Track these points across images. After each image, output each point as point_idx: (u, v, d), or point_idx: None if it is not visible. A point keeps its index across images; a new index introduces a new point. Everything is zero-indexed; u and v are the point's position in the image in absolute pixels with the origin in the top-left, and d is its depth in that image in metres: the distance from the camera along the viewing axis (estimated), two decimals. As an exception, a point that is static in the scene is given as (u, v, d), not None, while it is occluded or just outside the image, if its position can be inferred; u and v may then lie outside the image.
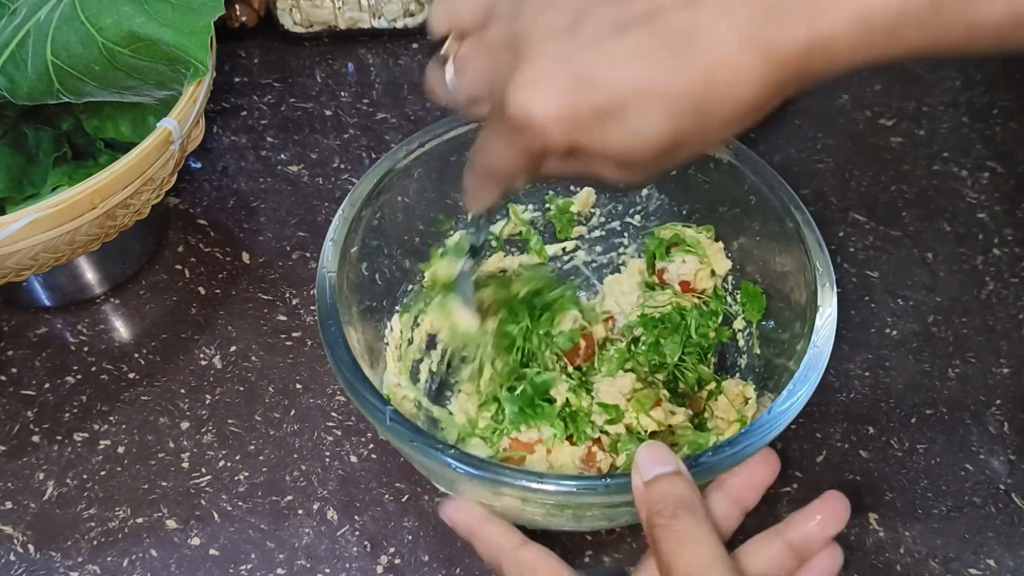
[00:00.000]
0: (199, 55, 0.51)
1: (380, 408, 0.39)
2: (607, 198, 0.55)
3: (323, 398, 0.55)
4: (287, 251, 0.62)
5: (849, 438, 0.52)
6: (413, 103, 0.72)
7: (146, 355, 0.57)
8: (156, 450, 0.53)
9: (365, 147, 0.69)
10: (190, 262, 0.62)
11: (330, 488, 0.51)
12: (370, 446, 0.52)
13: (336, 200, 0.65)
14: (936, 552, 0.48)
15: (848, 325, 0.57)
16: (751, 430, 0.39)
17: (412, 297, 0.53)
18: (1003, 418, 0.53)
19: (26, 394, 0.55)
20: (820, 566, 0.40)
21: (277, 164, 0.68)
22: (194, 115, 0.53)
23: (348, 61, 0.75)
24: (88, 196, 0.48)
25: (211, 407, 0.54)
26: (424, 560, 0.48)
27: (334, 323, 0.42)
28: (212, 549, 0.49)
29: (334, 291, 0.44)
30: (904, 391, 0.54)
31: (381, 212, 0.49)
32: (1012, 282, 0.59)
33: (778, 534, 0.40)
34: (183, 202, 0.65)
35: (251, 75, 0.74)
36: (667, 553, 0.36)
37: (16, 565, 0.48)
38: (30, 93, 0.53)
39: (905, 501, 0.50)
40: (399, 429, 0.39)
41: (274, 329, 0.58)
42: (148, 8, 0.51)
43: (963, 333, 0.57)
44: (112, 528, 0.49)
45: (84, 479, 0.51)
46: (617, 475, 0.37)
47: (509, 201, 0.55)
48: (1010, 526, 0.49)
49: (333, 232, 0.46)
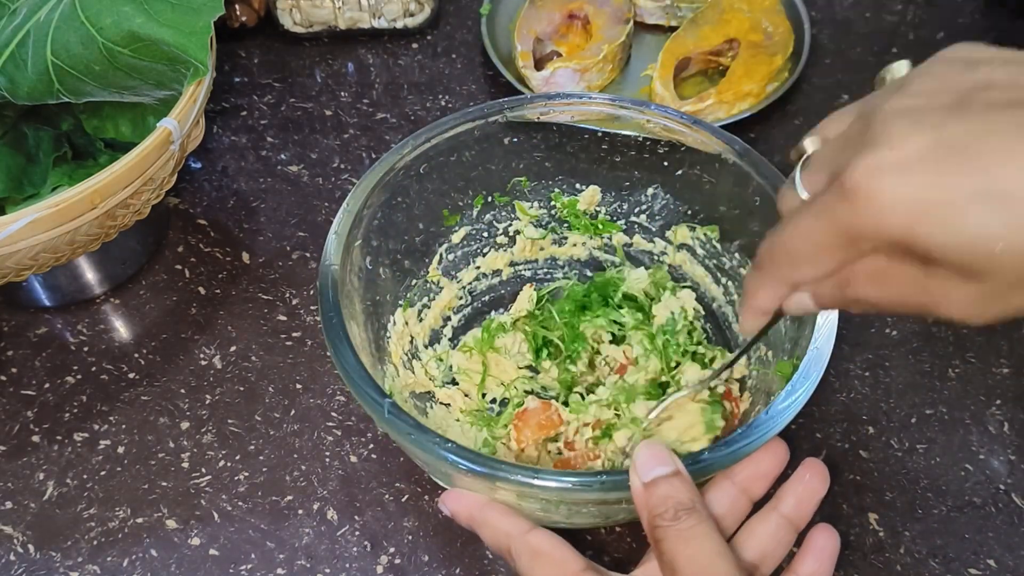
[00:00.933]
0: (199, 55, 0.51)
1: (379, 400, 0.40)
2: (612, 196, 0.55)
3: (323, 398, 0.55)
4: (287, 251, 0.62)
5: (849, 438, 0.52)
6: (413, 103, 0.72)
7: (146, 355, 0.57)
8: (156, 450, 0.53)
9: (365, 147, 0.69)
10: (190, 262, 0.62)
11: (330, 488, 0.51)
12: (370, 446, 0.52)
13: (336, 200, 0.65)
14: (936, 552, 0.48)
15: (848, 325, 0.57)
16: (751, 429, 0.39)
17: (415, 292, 0.53)
18: (1003, 418, 0.53)
19: (26, 394, 0.55)
20: (818, 546, 0.41)
21: (277, 164, 0.68)
22: (194, 115, 0.53)
23: (348, 61, 0.75)
24: (88, 196, 0.48)
25: (211, 407, 0.54)
26: (424, 560, 0.48)
27: (335, 316, 0.43)
28: (212, 549, 0.49)
29: (336, 284, 0.44)
30: (904, 391, 0.54)
31: (385, 207, 0.49)
32: (1012, 282, 0.59)
33: (771, 510, 0.41)
34: (183, 202, 0.65)
35: (251, 75, 0.74)
36: (670, 552, 0.36)
37: (16, 565, 0.48)
38: (30, 93, 0.53)
39: (905, 501, 0.50)
40: (397, 422, 0.39)
41: (274, 329, 0.58)
42: (148, 8, 0.51)
43: (963, 333, 0.57)
44: (112, 528, 0.49)
45: (84, 479, 0.51)
46: (613, 473, 0.38)
47: (514, 199, 0.55)
48: (1010, 526, 0.49)
49: (337, 225, 0.46)
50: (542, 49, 0.73)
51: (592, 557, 0.48)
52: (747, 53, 0.69)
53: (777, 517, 0.41)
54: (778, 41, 0.70)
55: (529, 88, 0.69)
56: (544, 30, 0.72)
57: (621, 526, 0.49)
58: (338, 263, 0.45)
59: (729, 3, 0.72)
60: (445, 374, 0.54)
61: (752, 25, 0.70)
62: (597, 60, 0.69)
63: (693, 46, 0.70)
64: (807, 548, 0.41)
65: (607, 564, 0.47)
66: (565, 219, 0.56)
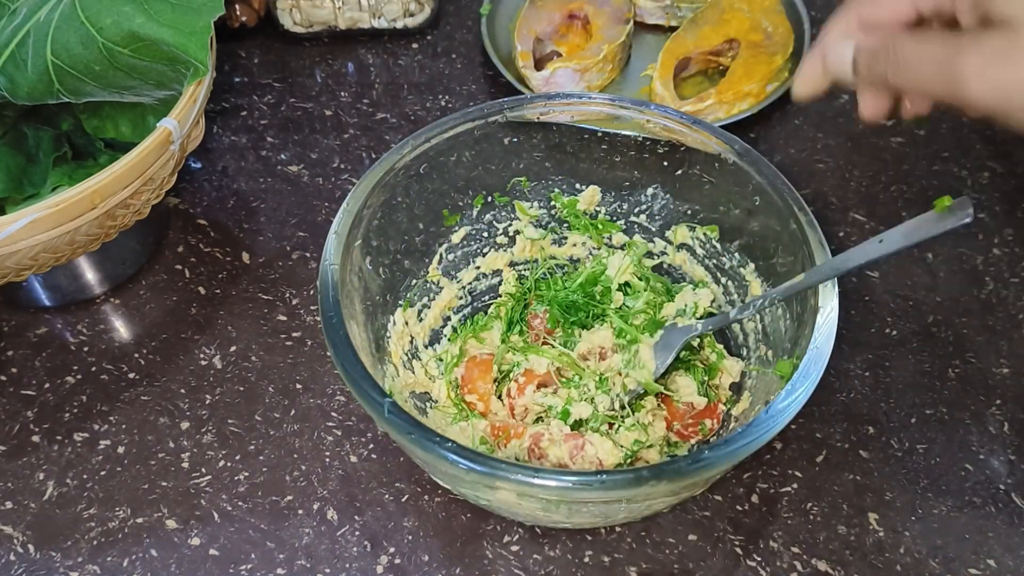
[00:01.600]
0: (199, 55, 0.51)
1: (379, 400, 0.40)
2: (612, 196, 0.55)
3: (323, 398, 0.55)
4: (287, 251, 0.62)
5: (849, 438, 0.52)
6: (413, 103, 0.72)
7: (146, 355, 0.57)
8: (156, 450, 0.53)
9: (365, 147, 0.69)
10: (190, 262, 0.62)
11: (330, 488, 0.51)
12: (370, 446, 0.52)
13: (336, 200, 0.65)
14: (936, 552, 0.48)
15: (848, 325, 0.57)
16: (751, 427, 0.39)
17: (415, 291, 0.53)
18: (1003, 418, 0.53)
19: (26, 394, 0.55)
20: None
21: (277, 164, 0.68)
22: (194, 115, 0.53)
23: (348, 61, 0.75)
24: (88, 196, 0.48)
25: (211, 407, 0.54)
26: (424, 560, 0.48)
27: (335, 315, 0.43)
28: (212, 549, 0.49)
29: (336, 284, 0.44)
30: (904, 391, 0.54)
31: (385, 207, 0.49)
32: (1012, 282, 0.59)
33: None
34: (183, 202, 0.65)
35: (251, 75, 0.74)
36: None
37: (16, 565, 0.48)
38: (30, 93, 0.53)
39: (905, 501, 0.50)
40: (397, 421, 0.39)
41: (274, 329, 0.58)
42: (148, 8, 0.51)
43: (963, 333, 0.57)
44: (112, 528, 0.49)
45: (84, 479, 0.51)
46: (613, 472, 0.38)
47: (514, 199, 0.55)
48: (1010, 526, 0.49)
49: (337, 225, 0.46)
50: (542, 49, 0.73)
51: (592, 557, 0.48)
52: (747, 53, 0.69)
53: None
54: (778, 41, 0.70)
55: (529, 88, 0.69)
56: (544, 30, 0.72)
57: (621, 526, 0.49)
58: (338, 263, 0.45)
59: (729, 3, 0.72)
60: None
61: (752, 25, 0.71)
62: (597, 60, 0.69)
63: (693, 46, 0.70)
64: None
65: (607, 564, 0.48)
66: (565, 219, 0.56)
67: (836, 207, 0.64)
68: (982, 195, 0.64)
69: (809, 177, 0.66)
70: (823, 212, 0.63)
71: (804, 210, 0.46)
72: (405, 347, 0.52)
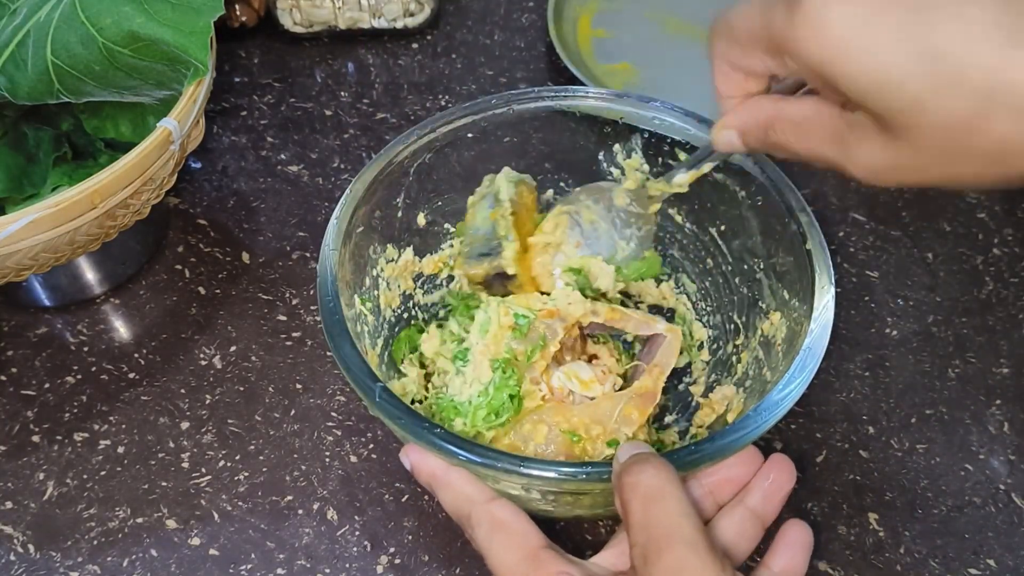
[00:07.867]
0: (199, 55, 0.51)
1: (370, 385, 0.40)
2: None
3: (323, 398, 0.55)
4: (287, 251, 0.62)
5: (849, 438, 0.52)
6: (413, 103, 0.72)
7: (146, 355, 0.57)
8: (156, 450, 0.53)
9: (365, 147, 0.69)
10: (190, 262, 0.62)
11: (330, 488, 0.51)
12: (370, 446, 0.52)
13: (336, 200, 0.65)
14: (936, 552, 0.48)
15: (848, 325, 0.57)
16: (745, 421, 0.39)
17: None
18: (1003, 418, 0.53)
19: (26, 394, 0.55)
20: (791, 540, 0.40)
21: (277, 164, 0.68)
22: (194, 115, 0.53)
23: (348, 61, 0.75)
24: (88, 196, 0.48)
25: (211, 407, 0.54)
26: (424, 560, 0.48)
27: (332, 299, 0.43)
28: (212, 549, 0.49)
29: (335, 267, 0.44)
30: (904, 391, 0.54)
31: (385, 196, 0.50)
32: (1012, 282, 0.59)
33: (736, 504, 0.41)
34: (183, 202, 0.65)
35: (251, 75, 0.74)
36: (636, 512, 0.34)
37: (16, 565, 0.48)
38: (30, 93, 0.53)
39: (905, 501, 0.50)
40: (387, 406, 0.39)
41: (274, 329, 0.58)
42: (148, 8, 0.51)
43: (963, 333, 0.57)
44: (112, 528, 0.49)
45: (84, 479, 0.51)
46: (599, 463, 0.38)
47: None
48: (1010, 526, 0.49)
49: (339, 211, 0.47)
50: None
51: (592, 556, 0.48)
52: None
53: (743, 510, 0.41)
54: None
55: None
56: None
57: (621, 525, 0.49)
58: (338, 247, 0.45)
59: None
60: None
61: None
62: None
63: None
64: (779, 542, 0.41)
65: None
66: None
67: (836, 207, 0.64)
68: (982, 195, 0.64)
69: (809, 177, 0.66)
70: (823, 212, 0.63)
71: (805, 211, 0.46)
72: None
